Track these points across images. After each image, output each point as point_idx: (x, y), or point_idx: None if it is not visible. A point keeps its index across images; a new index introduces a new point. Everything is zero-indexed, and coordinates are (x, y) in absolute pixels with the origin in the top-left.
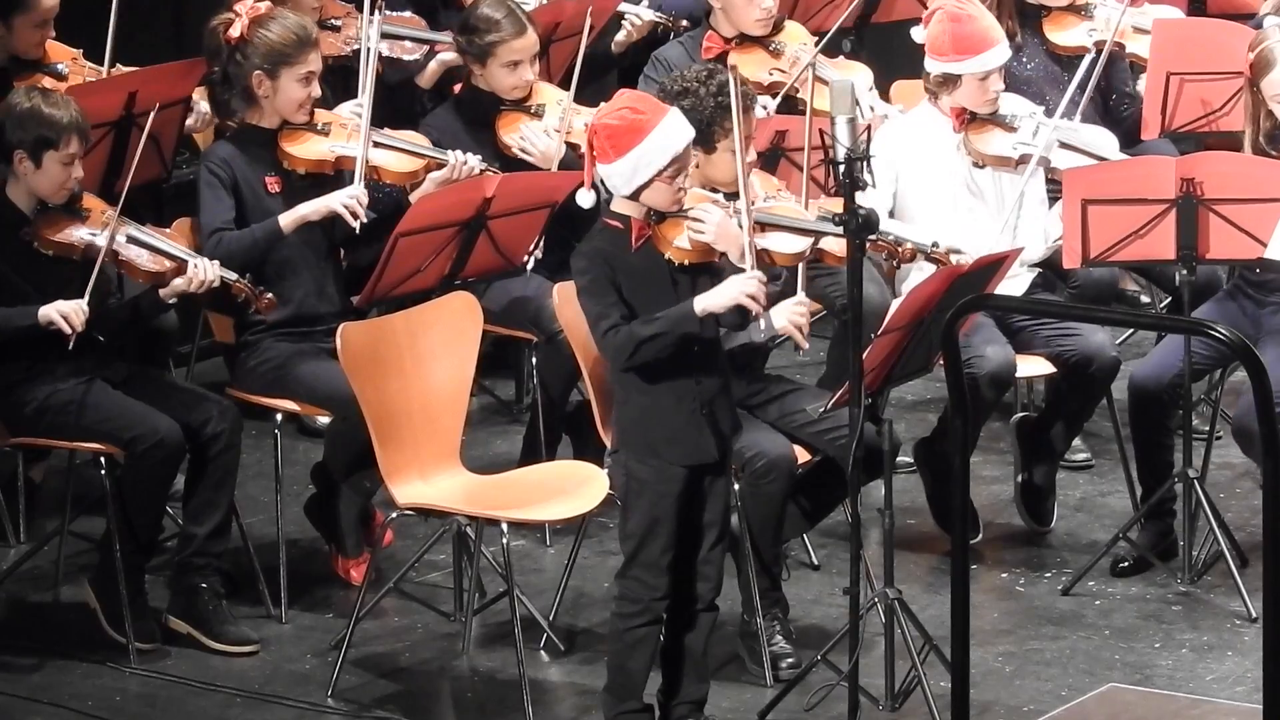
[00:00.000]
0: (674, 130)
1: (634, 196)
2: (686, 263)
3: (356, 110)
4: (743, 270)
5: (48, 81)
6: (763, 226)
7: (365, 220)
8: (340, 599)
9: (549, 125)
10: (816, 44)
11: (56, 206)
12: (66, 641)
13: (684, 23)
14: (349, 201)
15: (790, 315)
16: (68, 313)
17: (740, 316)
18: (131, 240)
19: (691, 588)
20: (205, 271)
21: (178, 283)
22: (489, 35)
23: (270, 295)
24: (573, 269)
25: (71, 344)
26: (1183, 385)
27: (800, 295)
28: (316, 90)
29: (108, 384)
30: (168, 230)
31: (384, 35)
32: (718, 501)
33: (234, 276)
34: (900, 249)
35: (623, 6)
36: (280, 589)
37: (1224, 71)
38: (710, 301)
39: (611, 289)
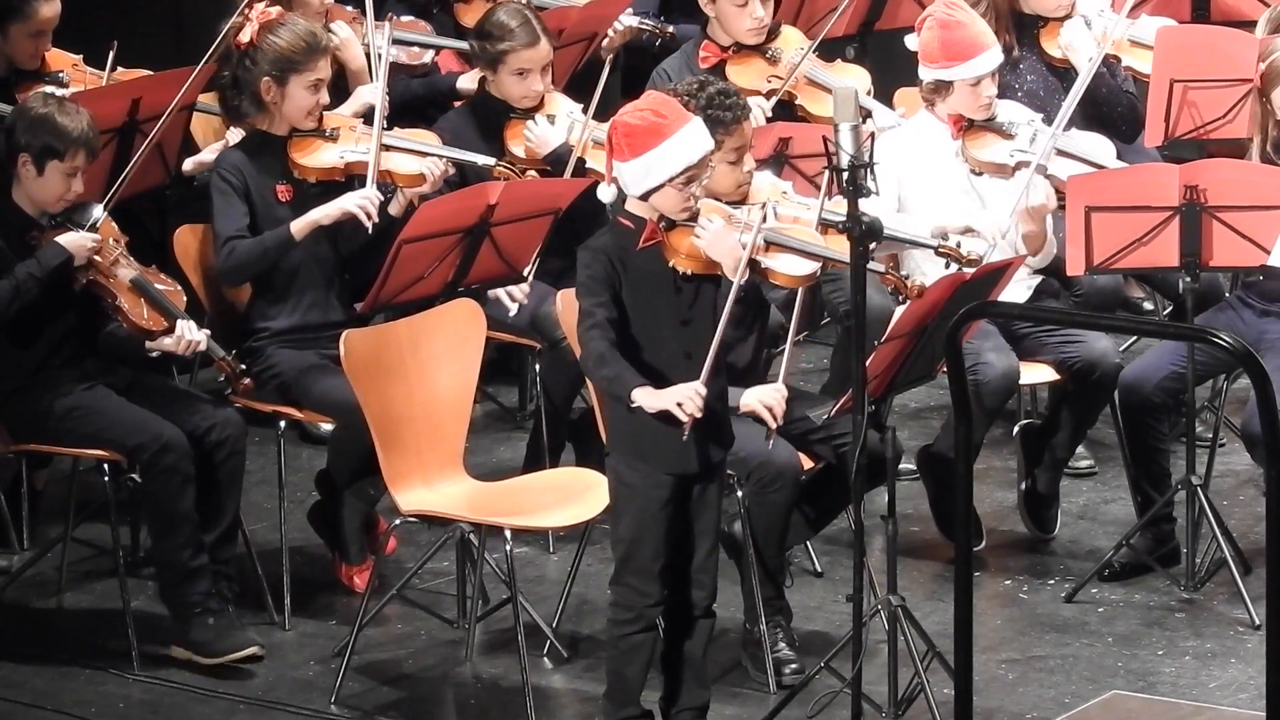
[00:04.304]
0: (692, 139)
1: (643, 199)
2: (691, 272)
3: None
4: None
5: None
6: (771, 245)
7: (379, 221)
8: (343, 606)
9: (560, 125)
10: (810, 46)
11: (68, 225)
12: (70, 648)
13: (670, 30)
14: (363, 203)
15: (763, 398)
16: (90, 245)
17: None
18: (134, 284)
19: (687, 594)
20: (190, 336)
21: (165, 342)
22: (501, 43)
23: (249, 380)
24: (578, 261)
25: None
26: (1173, 389)
27: (780, 385)
28: (325, 97)
29: (111, 390)
30: (171, 284)
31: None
32: (709, 510)
33: (221, 353)
34: (908, 286)
35: None
36: (284, 596)
37: (1227, 79)
38: (646, 399)
39: (606, 288)
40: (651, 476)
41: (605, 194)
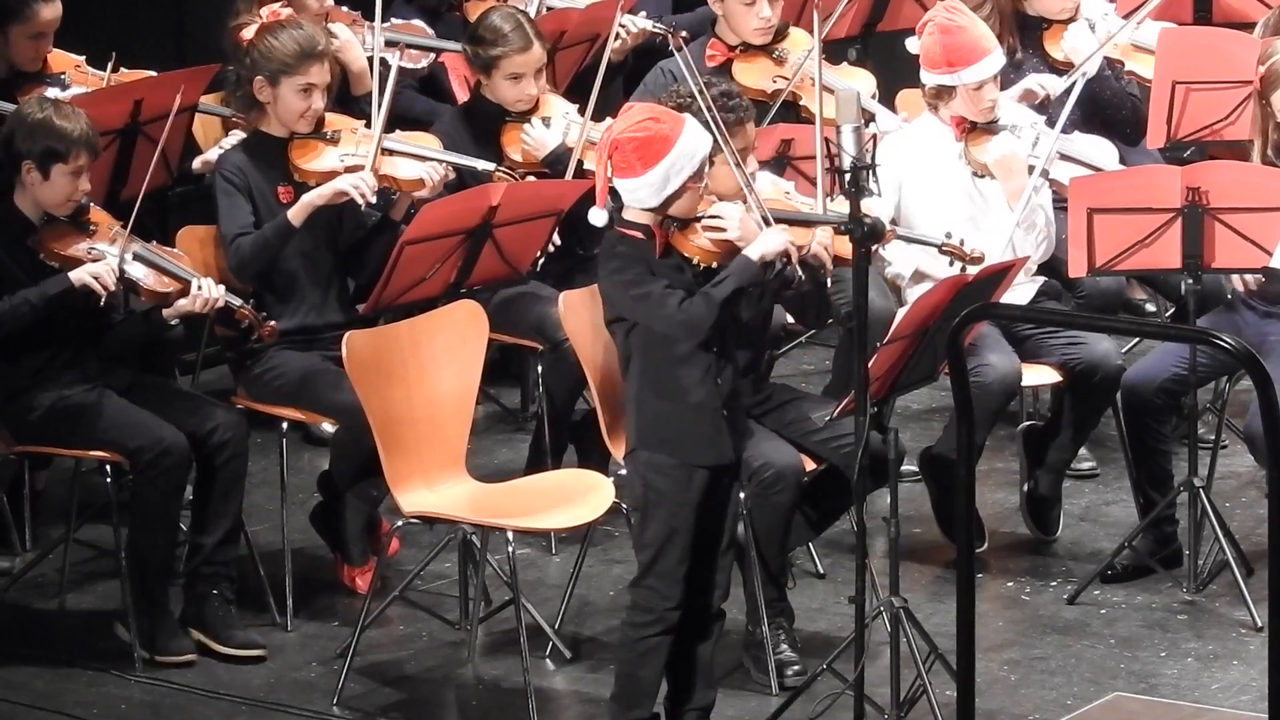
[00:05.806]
0: (696, 136)
1: (663, 206)
2: (714, 264)
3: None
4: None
5: (52, 91)
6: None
7: (373, 201)
8: (345, 607)
9: (555, 127)
10: (814, 48)
11: (63, 218)
12: (71, 649)
13: (683, 34)
14: (357, 183)
15: (819, 239)
16: (99, 273)
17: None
18: (138, 258)
19: (703, 595)
20: (210, 293)
21: (181, 303)
22: (494, 47)
23: (273, 323)
24: (605, 271)
25: (104, 301)
26: (1175, 391)
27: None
28: (318, 102)
29: (113, 392)
30: (174, 250)
31: (390, 43)
32: (731, 507)
33: (238, 302)
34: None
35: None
36: (285, 597)
37: (1229, 80)
38: (765, 247)
39: (653, 278)
40: (684, 479)
41: (599, 218)
